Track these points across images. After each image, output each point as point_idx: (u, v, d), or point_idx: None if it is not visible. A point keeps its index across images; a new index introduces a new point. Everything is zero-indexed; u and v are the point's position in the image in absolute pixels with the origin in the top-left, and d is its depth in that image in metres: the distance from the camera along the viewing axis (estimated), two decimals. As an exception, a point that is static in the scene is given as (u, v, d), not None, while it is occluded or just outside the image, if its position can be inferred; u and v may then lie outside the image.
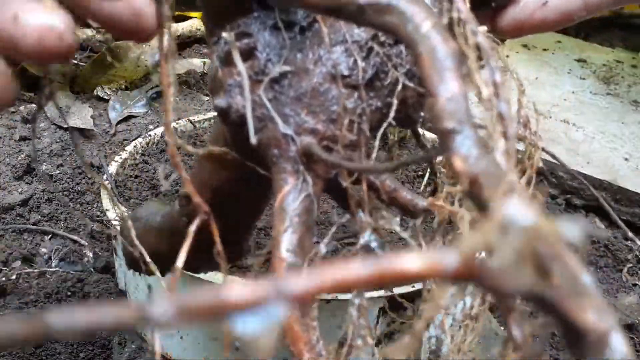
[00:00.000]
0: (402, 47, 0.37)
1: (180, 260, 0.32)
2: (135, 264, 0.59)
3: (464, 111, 0.24)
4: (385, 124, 0.37)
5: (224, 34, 0.38)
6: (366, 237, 0.36)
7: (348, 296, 0.35)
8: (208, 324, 0.33)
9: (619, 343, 0.17)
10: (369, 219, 0.36)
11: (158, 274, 0.39)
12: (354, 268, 0.11)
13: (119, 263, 0.67)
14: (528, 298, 0.14)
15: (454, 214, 0.39)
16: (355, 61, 0.37)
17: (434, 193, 0.42)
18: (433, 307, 0.20)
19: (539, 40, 1.40)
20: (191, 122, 0.88)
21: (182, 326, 0.10)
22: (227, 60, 0.39)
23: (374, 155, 0.37)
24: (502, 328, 0.76)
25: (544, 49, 1.37)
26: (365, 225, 0.36)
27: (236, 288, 0.11)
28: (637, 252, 0.90)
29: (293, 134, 0.37)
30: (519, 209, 0.13)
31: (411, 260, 0.12)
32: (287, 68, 0.38)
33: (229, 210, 0.47)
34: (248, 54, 0.38)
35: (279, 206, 0.36)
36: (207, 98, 1.32)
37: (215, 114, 0.40)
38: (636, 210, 0.94)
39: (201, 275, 0.54)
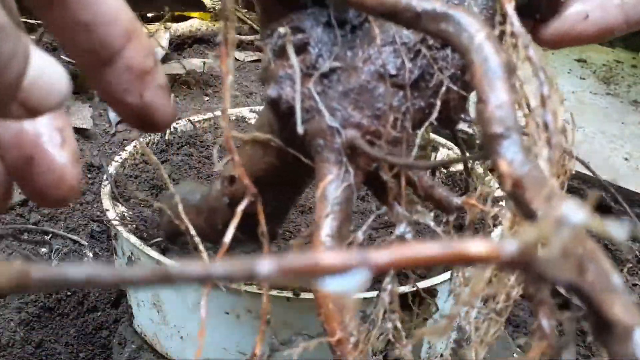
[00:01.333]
0: (448, 51, 0.39)
1: (228, 237, 0.35)
2: (173, 237, 0.61)
3: (511, 118, 0.26)
4: (426, 123, 0.39)
5: (280, 29, 0.40)
6: (402, 228, 0.38)
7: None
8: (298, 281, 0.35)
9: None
10: (405, 212, 0.38)
11: (201, 247, 0.41)
12: (430, 247, 0.14)
13: (119, 263, 0.68)
14: (568, 288, 0.16)
15: (486, 213, 0.40)
16: (402, 62, 0.39)
17: (466, 192, 0.44)
18: (470, 294, 0.22)
19: (539, 40, 1.40)
20: (191, 122, 0.88)
21: (283, 282, 0.11)
22: (280, 53, 0.41)
23: (414, 152, 0.39)
24: (512, 339, 0.77)
25: (544, 49, 1.37)
26: (402, 217, 0.38)
27: (329, 254, 0.13)
28: (637, 252, 0.91)
29: (339, 126, 0.39)
30: (573, 209, 0.15)
31: (477, 245, 0.14)
32: (337, 64, 0.40)
33: (266, 195, 0.50)
34: (301, 49, 0.40)
35: (321, 194, 0.38)
36: (207, 98, 1.32)
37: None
38: (636, 210, 0.96)
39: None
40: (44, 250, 0.86)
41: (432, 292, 0.53)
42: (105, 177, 0.72)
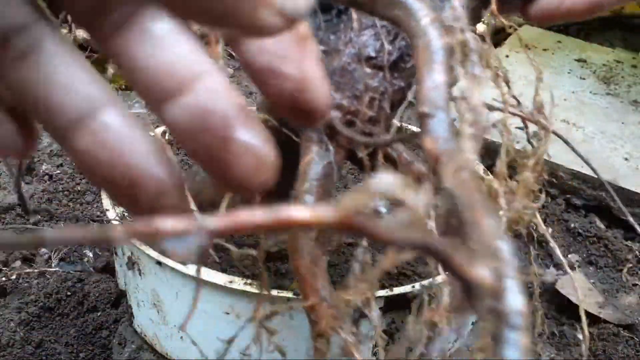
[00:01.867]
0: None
1: (222, 209, 0.37)
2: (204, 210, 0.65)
3: (442, 99, 0.27)
4: (405, 103, 0.41)
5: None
6: (376, 202, 0.39)
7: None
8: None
9: (514, 298, 0.20)
10: (382, 188, 0.40)
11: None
12: (258, 214, 0.16)
13: (119, 263, 0.67)
14: (421, 250, 0.17)
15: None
16: (382, 44, 0.40)
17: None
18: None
19: (539, 40, 1.37)
20: None
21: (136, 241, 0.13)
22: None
23: (393, 130, 0.40)
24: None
25: (544, 49, 1.35)
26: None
27: (169, 221, 0.15)
28: (637, 252, 0.88)
29: (321, 107, 0.41)
30: (384, 178, 0.16)
31: (300, 211, 0.16)
32: (321, 47, 0.41)
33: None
34: (288, 33, 0.42)
35: (302, 170, 0.40)
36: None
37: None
38: (636, 210, 0.93)
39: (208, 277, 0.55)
40: (44, 250, 0.85)
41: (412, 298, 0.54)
42: None
